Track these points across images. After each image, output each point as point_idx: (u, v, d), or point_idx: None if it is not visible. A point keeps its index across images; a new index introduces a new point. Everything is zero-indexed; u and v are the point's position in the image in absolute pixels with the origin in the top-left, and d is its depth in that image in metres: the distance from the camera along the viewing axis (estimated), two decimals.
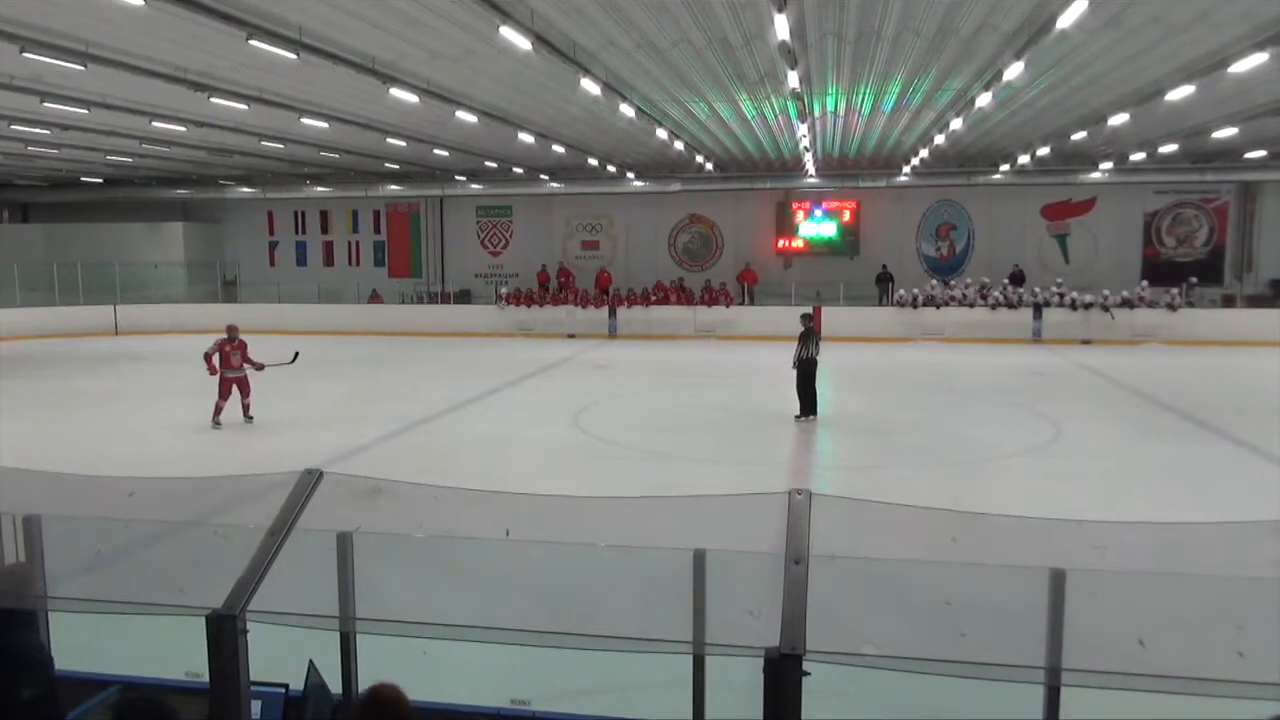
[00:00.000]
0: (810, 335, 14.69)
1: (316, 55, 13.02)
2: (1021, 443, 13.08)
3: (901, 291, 27.47)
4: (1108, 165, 27.11)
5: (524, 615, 3.30)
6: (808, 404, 14.60)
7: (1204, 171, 27.40)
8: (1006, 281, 27.53)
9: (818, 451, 13.21)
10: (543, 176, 30.57)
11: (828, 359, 23.67)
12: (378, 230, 34.41)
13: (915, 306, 26.73)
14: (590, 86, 14.89)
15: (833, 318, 26.83)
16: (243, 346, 14.44)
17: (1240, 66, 13.32)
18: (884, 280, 29.11)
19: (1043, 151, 24.82)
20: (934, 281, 28.33)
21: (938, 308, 26.71)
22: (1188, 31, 12.51)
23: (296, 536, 3.48)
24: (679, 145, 23.49)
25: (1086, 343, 25.10)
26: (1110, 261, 29.05)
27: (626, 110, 17.78)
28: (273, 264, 34.99)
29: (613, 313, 28.33)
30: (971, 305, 26.60)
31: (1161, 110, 17.70)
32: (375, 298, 32.38)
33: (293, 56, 12.71)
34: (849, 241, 30.66)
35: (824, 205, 30.63)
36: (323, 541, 3.64)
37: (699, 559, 3.35)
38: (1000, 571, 3.42)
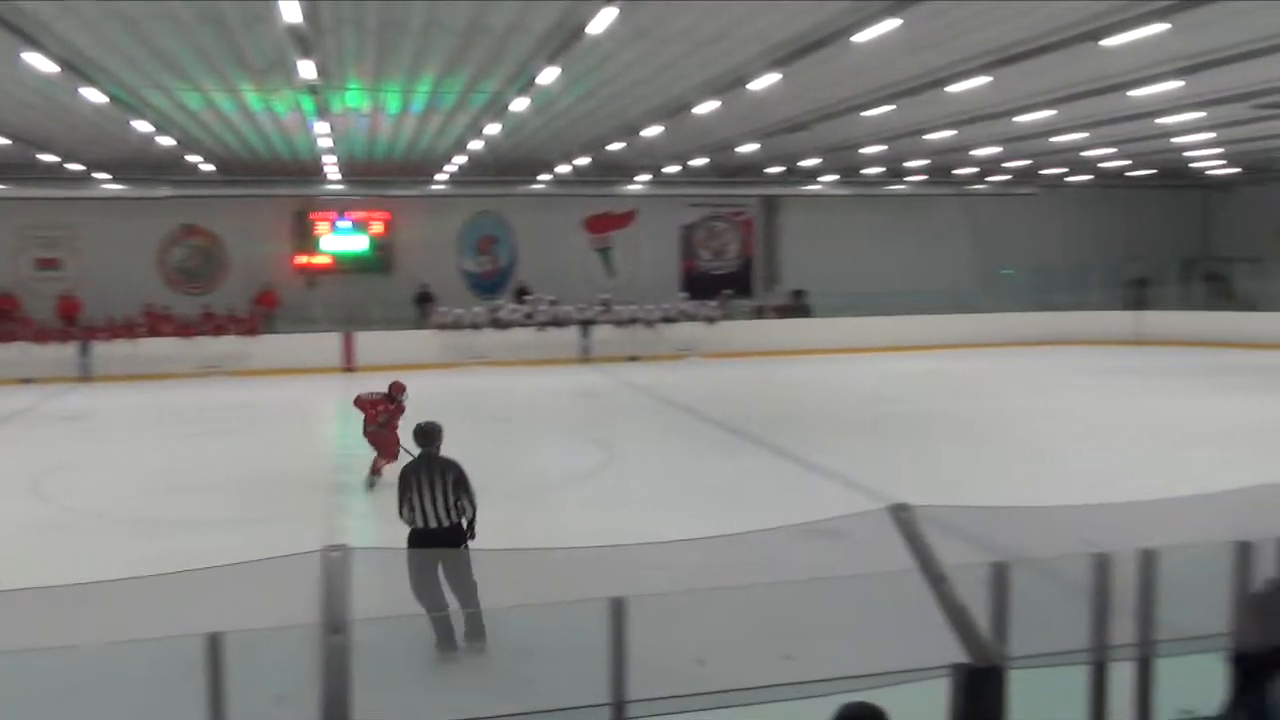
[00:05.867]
0: (431, 466, 7.75)
1: None
2: (574, 469, 13.96)
3: (443, 309, 27.99)
4: (645, 177, 30.07)
5: None
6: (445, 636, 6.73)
7: (732, 185, 31.62)
8: (506, 301, 29.17)
9: (356, 499, 12.99)
10: None
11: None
12: None
13: (459, 328, 27.40)
14: (39, 62, 13.29)
15: (367, 344, 26.59)
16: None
17: (758, 84, 15.58)
18: (424, 300, 29.47)
19: (583, 161, 26.83)
20: (497, 302, 29.15)
21: (478, 327, 27.60)
22: (712, 46, 14.33)
23: None
24: (166, 141, 21.81)
25: (634, 359, 27.54)
26: (652, 274, 32.19)
27: (93, 95, 16.12)
28: None
29: (85, 348, 25.41)
30: (506, 325, 27.80)
31: (691, 124, 20.06)
32: None
33: None
34: (382, 257, 30.61)
35: (351, 216, 30.29)
36: None
37: (215, 644, 3.12)
38: (562, 608, 3.61)
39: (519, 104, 17.49)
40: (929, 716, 3.61)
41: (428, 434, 8.13)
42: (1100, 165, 30.25)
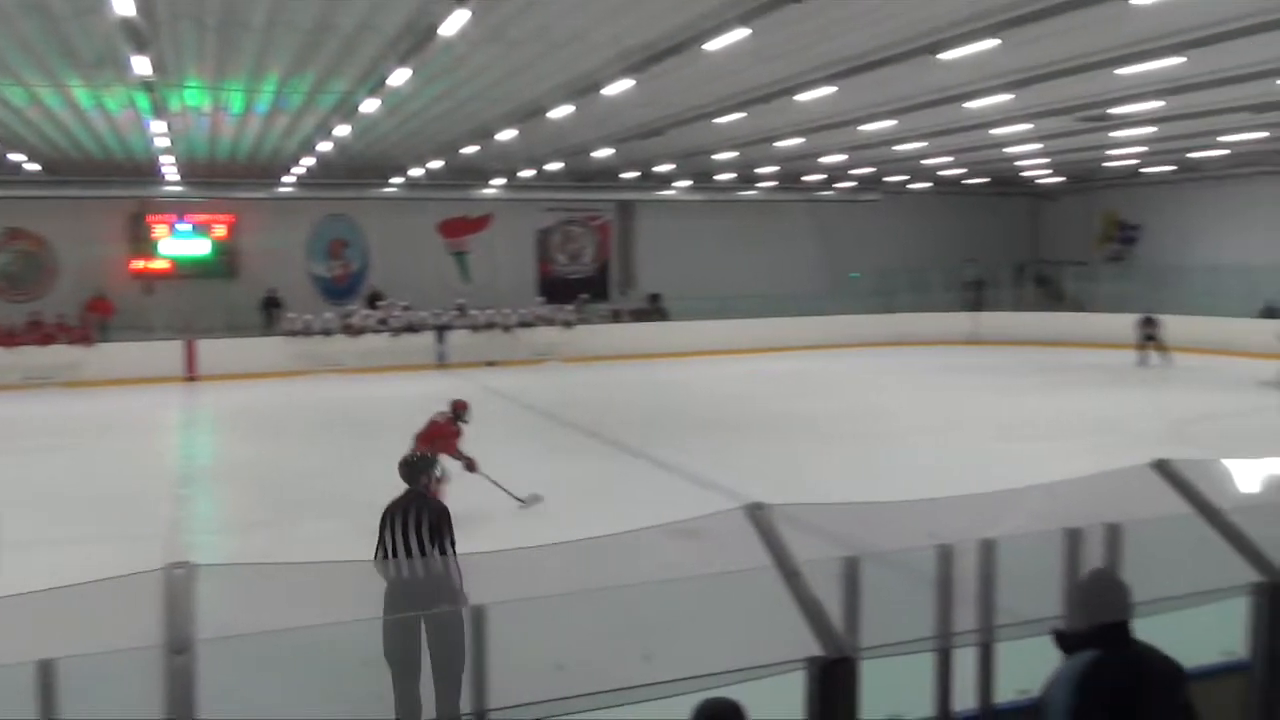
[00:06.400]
0: (408, 505, 6.55)
1: None
2: None
3: (292, 315, 27.18)
4: (501, 181, 29.90)
5: None
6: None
7: (587, 190, 31.73)
8: (358, 307, 28.60)
9: (203, 515, 12.49)
10: None
11: (209, 401, 22.59)
12: None
13: (309, 335, 26.64)
14: None
15: (211, 352, 25.58)
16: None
17: (611, 89, 15.68)
18: (271, 305, 28.55)
19: (436, 165, 26.48)
20: (350, 308, 28.49)
21: (329, 334, 26.92)
22: (566, 49, 14.34)
23: None
24: None
25: (491, 364, 27.31)
26: (509, 279, 31.98)
27: None
28: None
29: None
30: (358, 331, 27.17)
31: (545, 128, 20.03)
32: None
33: None
34: (226, 261, 29.51)
35: (192, 219, 29.09)
36: None
37: (46, 672, 2.95)
38: (416, 620, 3.56)
39: (370, 105, 17.15)
40: (787, 708, 3.71)
41: (412, 468, 6.89)
42: (939, 173, 31.64)
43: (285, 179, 28.22)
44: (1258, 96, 17.70)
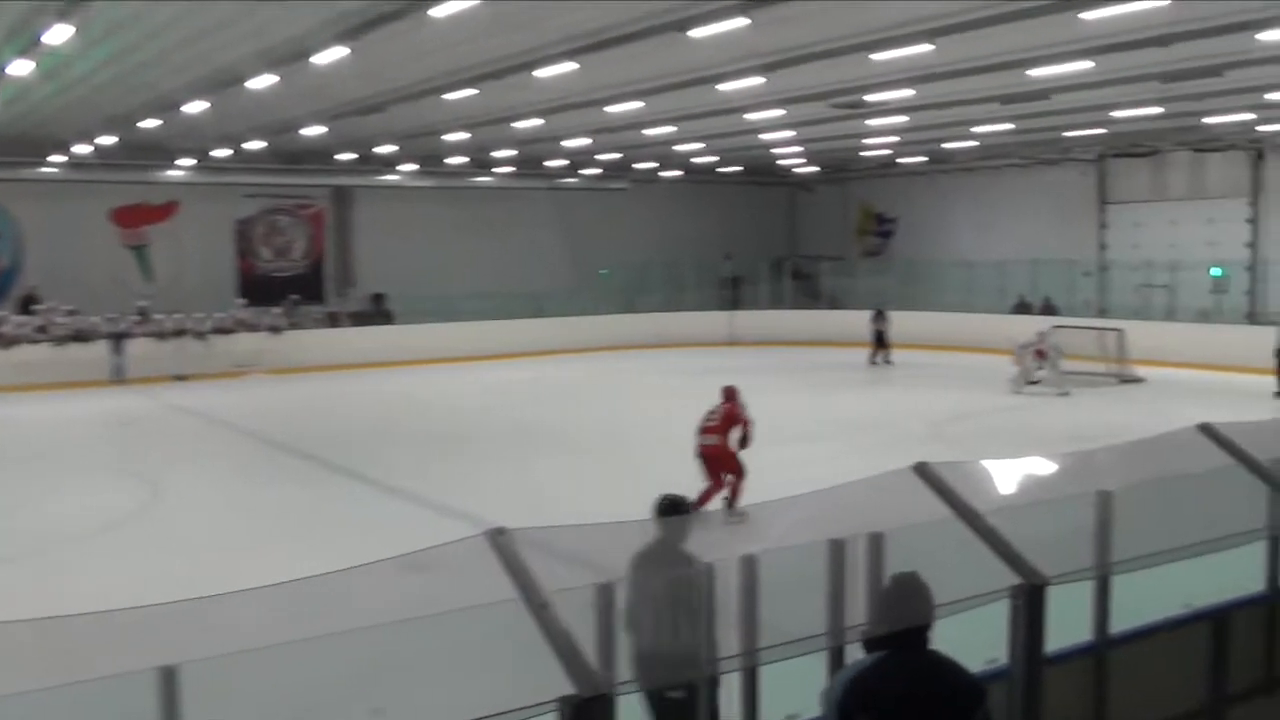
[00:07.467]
0: (655, 554, 5.71)
1: None
2: (111, 513, 12.96)
3: None
4: (189, 162, 28.48)
5: None
6: None
7: (296, 174, 30.77)
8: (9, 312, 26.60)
9: None
10: None
11: None
12: None
13: None
14: None
15: None
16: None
17: (322, 58, 15.29)
18: None
19: (108, 141, 24.98)
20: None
21: None
22: (263, 11, 13.84)
23: None
24: None
25: (181, 378, 25.94)
26: (201, 277, 30.47)
27: None
28: None
29: None
30: (10, 341, 25.20)
31: (244, 101, 19.26)
32: None
33: None
34: None
35: None
36: None
37: None
38: (94, 686, 3.34)
39: (20, 67, 16.20)
40: None
41: (675, 510, 5.71)
42: (691, 160, 32.79)
43: None
44: (1005, 87, 19.44)
